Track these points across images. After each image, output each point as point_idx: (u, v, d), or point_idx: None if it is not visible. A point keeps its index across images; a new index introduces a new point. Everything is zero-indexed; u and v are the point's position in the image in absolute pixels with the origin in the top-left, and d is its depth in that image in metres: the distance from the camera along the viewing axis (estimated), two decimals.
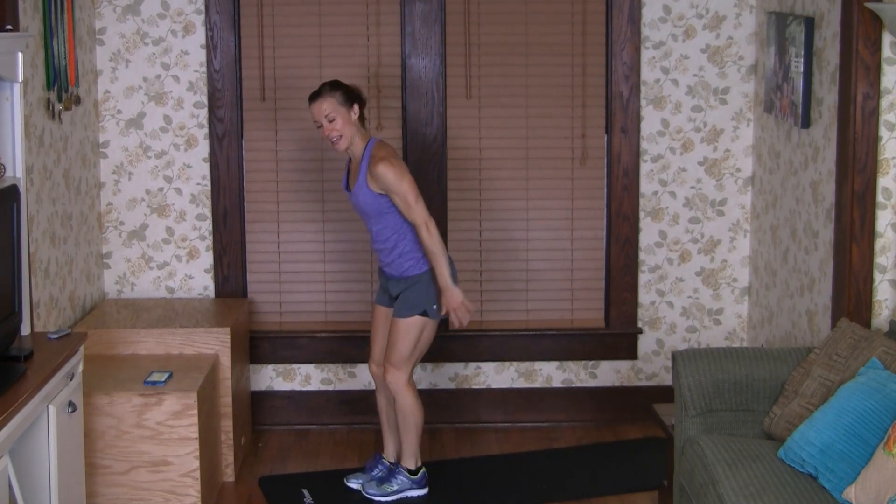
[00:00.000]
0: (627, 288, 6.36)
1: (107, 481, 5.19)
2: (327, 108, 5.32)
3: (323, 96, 5.33)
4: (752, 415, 4.71)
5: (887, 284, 4.93)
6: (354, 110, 5.36)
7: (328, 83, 5.39)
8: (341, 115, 5.33)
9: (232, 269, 6.30)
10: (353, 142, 5.38)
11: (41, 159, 5.30)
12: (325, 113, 5.33)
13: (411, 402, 5.46)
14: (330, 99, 5.32)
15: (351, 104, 5.35)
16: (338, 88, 5.35)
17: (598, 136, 6.32)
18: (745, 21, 6.22)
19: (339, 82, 5.40)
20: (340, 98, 5.33)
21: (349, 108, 5.34)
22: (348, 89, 5.37)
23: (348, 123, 5.35)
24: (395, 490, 5.53)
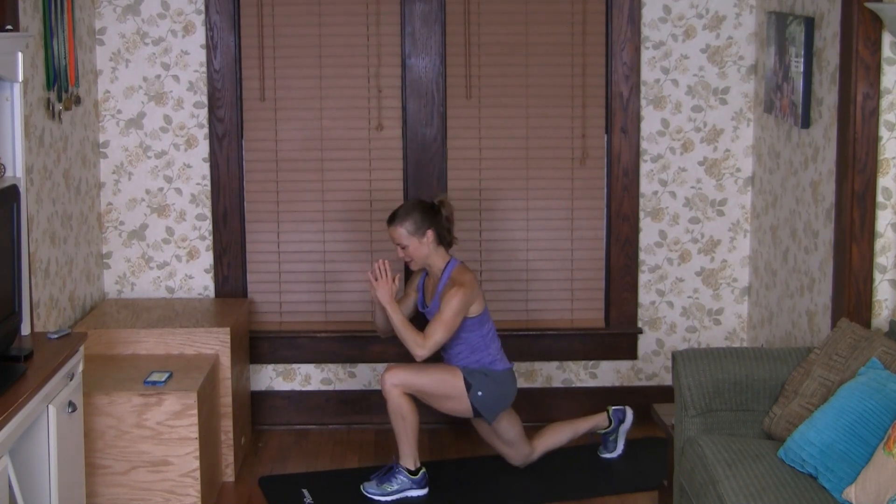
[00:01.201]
0: (627, 288, 6.36)
1: (107, 481, 5.19)
2: (397, 237, 5.52)
3: (394, 224, 5.51)
4: (752, 415, 4.71)
5: (887, 284, 4.93)
6: (427, 237, 5.48)
7: (402, 208, 5.53)
8: (412, 243, 5.50)
9: (232, 269, 6.30)
10: (430, 262, 5.54)
11: (41, 159, 5.30)
12: (396, 241, 5.52)
13: (405, 404, 5.47)
14: (400, 229, 5.49)
15: (423, 231, 5.47)
16: (409, 216, 5.48)
17: (598, 136, 6.32)
18: (745, 21, 6.22)
19: (413, 206, 5.52)
20: (411, 227, 5.47)
21: (421, 236, 5.48)
22: (420, 216, 5.47)
23: (418, 250, 5.50)
24: (395, 490, 5.53)
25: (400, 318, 5.43)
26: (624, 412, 5.88)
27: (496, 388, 5.55)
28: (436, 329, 5.41)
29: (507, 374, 5.61)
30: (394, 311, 5.43)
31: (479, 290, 5.53)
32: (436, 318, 5.43)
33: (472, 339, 5.53)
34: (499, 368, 5.58)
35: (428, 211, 5.52)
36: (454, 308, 5.41)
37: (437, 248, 5.54)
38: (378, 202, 6.29)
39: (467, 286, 5.44)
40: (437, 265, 5.56)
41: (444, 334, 5.42)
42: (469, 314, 5.48)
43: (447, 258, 5.57)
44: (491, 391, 5.54)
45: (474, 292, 5.47)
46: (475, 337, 5.53)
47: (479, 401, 5.52)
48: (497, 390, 5.55)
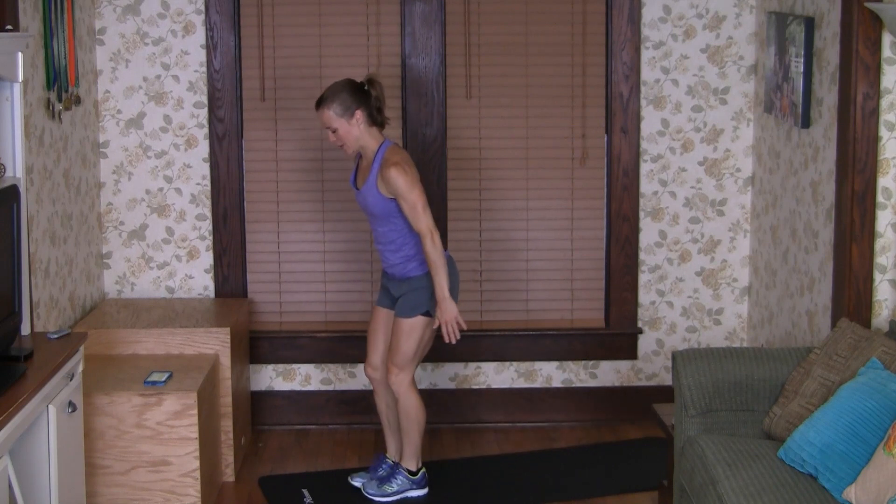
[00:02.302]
0: (627, 288, 6.36)
1: (107, 481, 5.19)
2: (326, 119, 5.31)
3: (321, 108, 5.30)
4: (752, 415, 4.71)
5: (887, 284, 4.93)
6: (356, 117, 5.28)
7: (329, 90, 5.32)
8: (341, 125, 5.30)
9: (232, 269, 6.30)
10: (362, 143, 5.35)
11: (41, 159, 5.30)
12: (325, 124, 5.33)
13: (415, 403, 5.46)
14: (327, 111, 5.29)
15: (352, 112, 5.28)
16: (336, 98, 5.27)
17: (598, 136, 6.32)
18: (745, 21, 6.22)
19: (340, 87, 5.31)
20: (338, 108, 5.27)
21: (349, 116, 5.28)
22: (348, 96, 5.28)
23: (349, 133, 5.31)
24: (395, 490, 5.53)
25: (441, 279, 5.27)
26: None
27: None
28: (416, 218, 5.23)
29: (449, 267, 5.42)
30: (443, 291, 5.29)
31: (415, 170, 5.33)
32: (407, 212, 5.24)
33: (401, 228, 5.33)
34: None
35: (356, 91, 5.31)
36: (406, 185, 5.21)
37: (368, 128, 5.33)
38: None
39: (401, 162, 5.25)
40: (370, 146, 5.35)
41: (424, 212, 5.23)
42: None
43: (380, 139, 5.37)
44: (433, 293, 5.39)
45: (410, 166, 5.28)
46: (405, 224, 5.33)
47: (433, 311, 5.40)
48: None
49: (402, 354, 5.42)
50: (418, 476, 5.56)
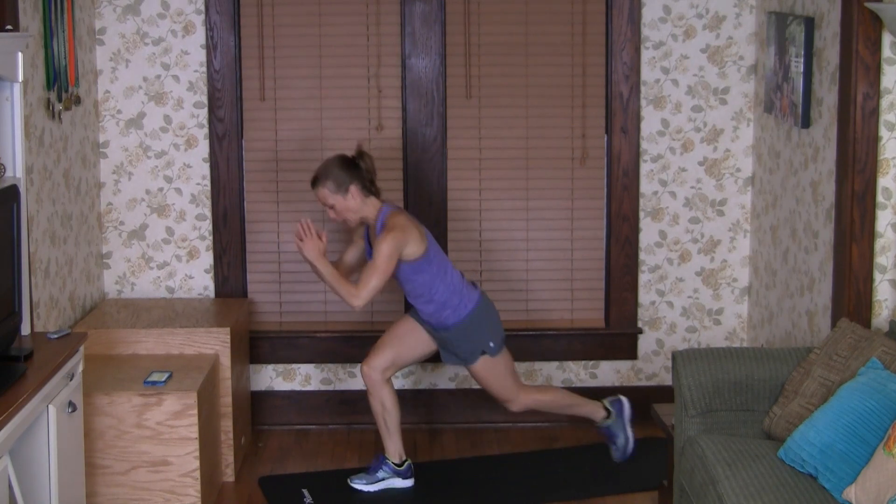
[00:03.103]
0: (627, 288, 6.36)
1: (107, 481, 5.19)
2: (322, 198, 5.43)
3: (316, 188, 5.43)
4: (752, 415, 4.71)
5: (887, 284, 4.93)
6: (351, 192, 5.39)
7: (321, 169, 5.43)
8: (338, 201, 5.41)
9: (232, 269, 6.30)
10: (362, 215, 5.46)
11: (41, 159, 5.30)
12: (322, 202, 5.45)
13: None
14: (323, 189, 5.41)
15: (346, 187, 5.38)
16: (329, 175, 5.38)
17: (598, 136, 6.32)
18: (745, 21, 6.22)
19: (331, 164, 5.41)
20: (332, 186, 5.39)
21: (345, 192, 5.39)
22: (340, 172, 5.38)
23: (347, 207, 5.42)
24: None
25: (330, 272, 5.33)
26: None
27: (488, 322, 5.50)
28: (369, 276, 5.30)
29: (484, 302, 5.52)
30: (323, 266, 5.32)
31: (416, 232, 5.39)
32: (369, 265, 5.35)
33: (424, 281, 5.42)
34: (471, 307, 5.49)
35: (347, 166, 5.41)
36: (385, 253, 5.30)
37: (365, 199, 5.43)
38: None
39: (397, 229, 5.33)
40: (370, 216, 5.45)
41: (378, 280, 5.30)
42: (408, 257, 5.37)
43: (378, 206, 5.45)
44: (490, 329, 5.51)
45: (406, 234, 5.35)
46: (426, 277, 5.42)
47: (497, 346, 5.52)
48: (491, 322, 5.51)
49: (503, 390, 5.57)
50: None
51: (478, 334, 5.51)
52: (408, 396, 6.32)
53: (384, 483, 5.62)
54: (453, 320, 5.49)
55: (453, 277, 5.50)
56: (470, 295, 5.52)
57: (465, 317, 5.49)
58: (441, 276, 5.46)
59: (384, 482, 5.62)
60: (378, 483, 5.61)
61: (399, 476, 5.62)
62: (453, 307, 5.48)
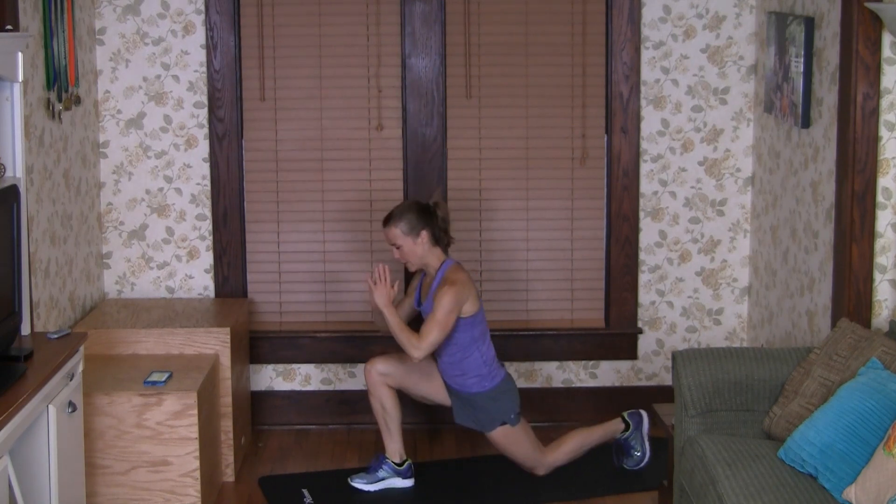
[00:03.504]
0: (627, 288, 6.36)
1: (107, 481, 5.19)
2: (392, 237, 5.52)
3: (388, 226, 5.52)
4: (752, 415, 4.71)
5: (887, 284, 4.93)
6: (422, 237, 5.49)
7: (397, 209, 5.54)
8: (406, 243, 5.50)
9: (232, 269, 6.30)
10: (426, 262, 5.55)
11: (41, 159, 5.30)
12: (391, 241, 5.53)
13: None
14: (394, 229, 5.50)
15: (418, 232, 5.48)
16: (403, 217, 5.48)
17: (598, 136, 6.32)
18: (745, 21, 6.22)
19: (408, 207, 5.53)
20: (405, 227, 5.48)
21: (415, 236, 5.48)
22: (415, 216, 5.48)
23: (413, 251, 5.51)
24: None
25: (396, 321, 5.43)
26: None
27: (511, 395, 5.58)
28: (430, 329, 5.41)
29: (508, 379, 5.62)
30: (390, 315, 5.43)
31: (474, 290, 5.52)
32: (430, 317, 5.43)
33: (464, 340, 5.52)
34: (498, 380, 5.58)
35: (423, 212, 5.53)
36: (446, 307, 5.40)
37: (432, 248, 5.54)
38: (378, 202, 6.29)
39: (459, 284, 5.44)
40: (432, 265, 5.56)
41: (439, 333, 5.41)
42: (462, 314, 5.48)
43: (443, 258, 5.57)
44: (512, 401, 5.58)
45: (466, 291, 5.46)
46: (467, 338, 5.52)
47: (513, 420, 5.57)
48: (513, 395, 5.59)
49: (526, 458, 5.62)
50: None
51: (500, 405, 5.56)
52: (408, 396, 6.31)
53: (384, 483, 5.62)
54: (477, 389, 5.56)
55: (490, 348, 5.60)
56: (498, 370, 5.62)
57: (490, 388, 5.56)
58: (480, 342, 5.56)
59: (384, 482, 5.62)
60: (378, 483, 5.62)
61: (399, 476, 5.63)
62: (480, 376, 5.56)
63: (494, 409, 5.56)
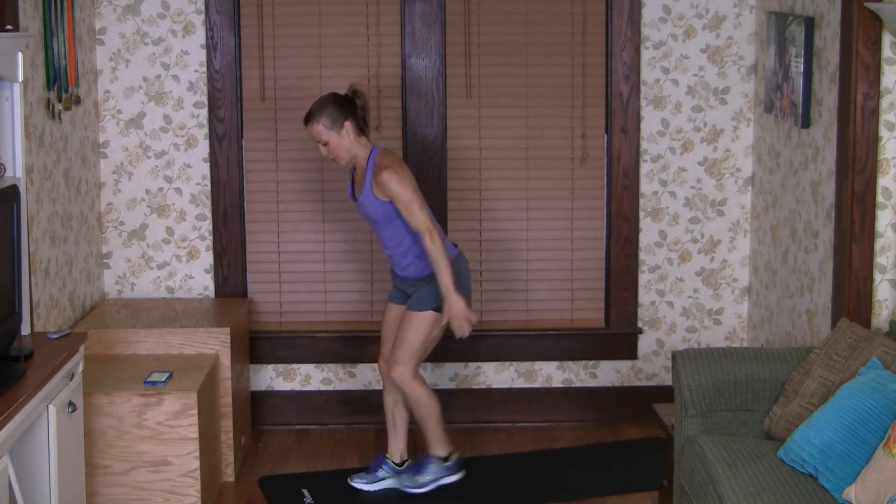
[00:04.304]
0: (627, 288, 6.36)
1: (107, 481, 5.19)
2: (316, 133, 5.37)
3: (310, 123, 5.36)
4: (752, 415, 4.71)
5: (887, 284, 4.93)
6: (346, 128, 5.34)
7: (316, 104, 5.38)
8: (332, 137, 5.35)
9: (232, 269, 6.30)
10: (354, 153, 5.40)
11: (41, 159, 5.31)
12: (315, 138, 5.38)
13: (422, 393, 5.46)
14: (317, 125, 5.35)
15: (341, 123, 5.34)
16: (324, 111, 5.33)
17: (598, 136, 6.32)
18: (745, 21, 6.22)
19: (326, 100, 5.37)
20: (327, 122, 5.33)
21: (339, 128, 5.34)
22: (335, 109, 5.34)
23: (339, 144, 5.36)
24: (430, 479, 5.54)
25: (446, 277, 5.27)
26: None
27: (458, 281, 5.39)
28: (412, 217, 5.26)
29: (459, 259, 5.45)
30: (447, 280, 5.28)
31: (408, 171, 5.37)
32: (400, 208, 5.27)
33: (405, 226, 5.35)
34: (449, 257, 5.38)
35: (342, 103, 5.38)
36: (397, 186, 5.25)
37: (357, 138, 5.39)
38: None
39: (393, 165, 5.31)
40: (361, 156, 5.41)
41: (420, 210, 5.26)
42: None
43: (370, 146, 5.42)
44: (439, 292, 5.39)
45: (403, 169, 5.33)
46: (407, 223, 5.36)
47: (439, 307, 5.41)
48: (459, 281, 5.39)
49: (406, 348, 5.43)
50: (451, 462, 5.56)
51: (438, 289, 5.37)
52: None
53: (384, 483, 5.61)
54: (431, 269, 5.39)
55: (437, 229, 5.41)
56: (449, 249, 5.44)
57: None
58: None
59: (384, 482, 5.61)
60: (378, 483, 5.61)
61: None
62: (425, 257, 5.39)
63: (436, 293, 5.38)
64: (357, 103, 5.39)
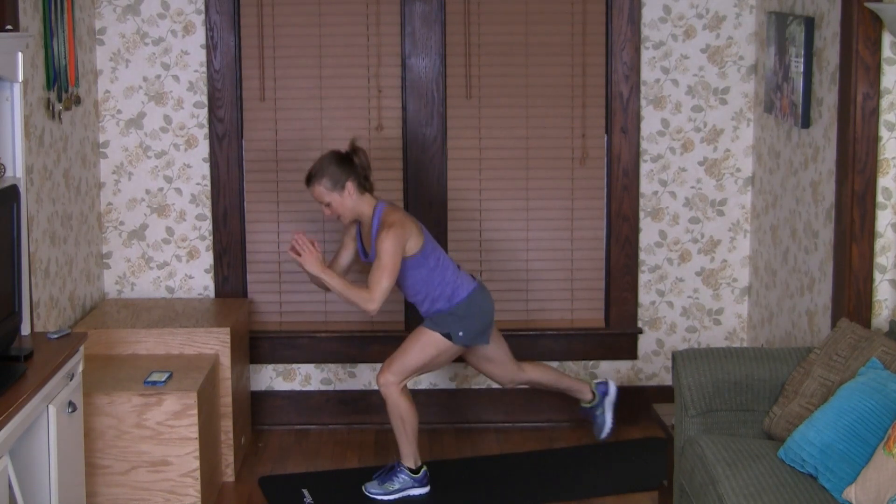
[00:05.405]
0: (627, 288, 6.36)
1: (107, 481, 5.19)
2: (318, 195, 5.44)
3: (312, 185, 5.42)
4: (752, 415, 4.71)
5: (887, 284, 4.93)
6: (348, 188, 5.40)
7: (316, 166, 5.43)
8: (334, 199, 5.42)
9: (232, 269, 6.30)
10: (358, 211, 5.46)
11: (41, 159, 5.31)
12: (318, 200, 5.45)
13: (404, 404, 5.46)
14: (318, 187, 5.41)
15: (342, 185, 5.39)
16: (324, 173, 5.38)
17: (598, 136, 6.32)
18: (745, 21, 6.22)
19: (327, 161, 5.41)
20: (328, 183, 5.39)
21: (341, 189, 5.40)
22: (336, 169, 5.38)
23: (343, 204, 5.43)
24: (397, 489, 5.53)
25: (338, 282, 5.34)
26: (607, 385, 5.82)
27: (471, 318, 5.48)
28: (378, 277, 5.30)
29: (475, 295, 5.52)
30: (330, 278, 5.34)
31: (414, 226, 5.41)
32: (375, 265, 5.33)
33: (422, 276, 5.44)
34: (463, 296, 5.49)
35: (342, 162, 5.42)
36: (389, 251, 5.30)
37: (360, 196, 5.44)
38: None
39: (397, 225, 5.34)
40: (366, 213, 5.46)
41: (388, 279, 5.31)
42: (407, 253, 5.39)
43: (373, 203, 5.47)
44: (468, 324, 5.48)
45: (406, 229, 5.36)
46: (424, 273, 5.44)
47: (465, 339, 5.47)
48: (473, 318, 5.48)
49: (402, 360, 5.45)
50: (420, 474, 5.56)
51: (460, 321, 5.47)
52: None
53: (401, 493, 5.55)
54: (446, 306, 5.47)
55: (447, 268, 5.49)
56: (465, 283, 5.51)
57: (459, 303, 5.48)
58: (437, 269, 5.47)
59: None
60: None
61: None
62: (446, 297, 5.47)
63: (450, 321, 5.46)
64: (356, 161, 5.44)
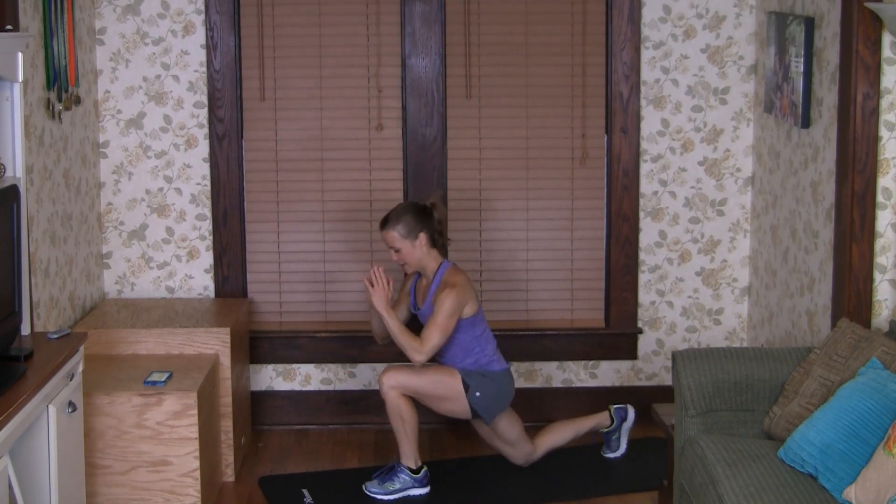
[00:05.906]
0: (627, 288, 6.36)
1: (107, 481, 5.19)
2: (390, 240, 5.53)
3: (386, 228, 5.52)
4: (752, 415, 4.71)
5: (887, 284, 4.93)
6: (420, 239, 5.50)
7: (394, 211, 5.54)
8: (405, 246, 5.52)
9: (232, 269, 6.30)
10: (423, 264, 5.56)
11: (41, 159, 5.30)
12: (389, 244, 5.54)
13: (404, 405, 5.48)
14: (392, 232, 5.51)
15: (416, 234, 5.49)
16: (401, 220, 5.49)
17: (598, 136, 6.32)
18: (745, 21, 6.22)
19: (405, 209, 5.53)
20: (403, 230, 5.49)
21: (413, 238, 5.50)
22: (413, 218, 5.49)
23: (412, 253, 5.53)
24: (398, 489, 5.53)
25: (396, 325, 5.44)
26: (626, 411, 5.89)
27: (493, 389, 5.56)
28: (431, 333, 5.42)
29: (505, 375, 5.62)
30: (390, 318, 5.44)
31: (473, 291, 5.54)
32: (430, 321, 5.44)
33: (464, 341, 5.53)
34: (495, 369, 5.59)
35: (420, 213, 5.54)
36: (447, 310, 5.42)
37: (429, 250, 5.56)
38: (378, 202, 6.29)
39: (459, 287, 5.46)
40: (430, 267, 5.58)
41: (440, 337, 5.42)
42: (462, 315, 5.49)
43: (440, 260, 5.58)
44: (488, 392, 5.54)
45: (467, 293, 5.48)
46: (468, 338, 5.53)
47: (476, 402, 5.53)
48: (494, 391, 5.56)
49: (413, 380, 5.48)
50: (420, 475, 5.56)
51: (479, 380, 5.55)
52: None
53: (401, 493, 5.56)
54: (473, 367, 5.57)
55: (489, 343, 5.61)
56: (498, 361, 5.63)
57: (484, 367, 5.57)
58: (482, 339, 5.58)
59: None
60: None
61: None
62: (480, 365, 5.58)
63: (474, 378, 5.53)
64: (435, 216, 5.56)
